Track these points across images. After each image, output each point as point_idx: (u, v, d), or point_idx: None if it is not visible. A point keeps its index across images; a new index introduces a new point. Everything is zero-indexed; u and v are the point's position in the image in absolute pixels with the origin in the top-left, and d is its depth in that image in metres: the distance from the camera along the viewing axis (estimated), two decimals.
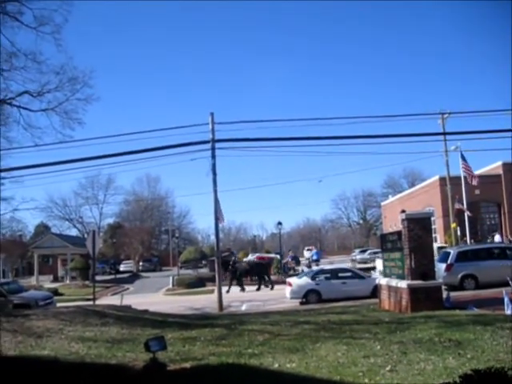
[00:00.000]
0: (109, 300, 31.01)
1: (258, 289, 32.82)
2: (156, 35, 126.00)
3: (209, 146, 24.03)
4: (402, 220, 16.43)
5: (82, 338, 12.39)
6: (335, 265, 30.15)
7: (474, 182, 34.93)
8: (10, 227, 67.69)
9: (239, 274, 33.93)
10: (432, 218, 22.00)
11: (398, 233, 17.08)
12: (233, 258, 37.86)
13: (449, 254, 23.68)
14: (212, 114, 24.34)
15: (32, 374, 8.52)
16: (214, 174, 24.52)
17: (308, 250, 44.47)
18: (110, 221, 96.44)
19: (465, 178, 35.94)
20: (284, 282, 30.74)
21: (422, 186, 54.43)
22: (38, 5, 19.26)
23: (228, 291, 30.89)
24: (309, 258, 40.15)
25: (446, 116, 35.55)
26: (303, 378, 7.73)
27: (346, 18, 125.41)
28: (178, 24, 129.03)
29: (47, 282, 54.87)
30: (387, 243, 18.42)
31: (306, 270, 36.34)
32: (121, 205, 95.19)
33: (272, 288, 33.02)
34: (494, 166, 48.48)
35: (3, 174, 21.91)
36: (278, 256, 45.18)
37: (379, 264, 26.57)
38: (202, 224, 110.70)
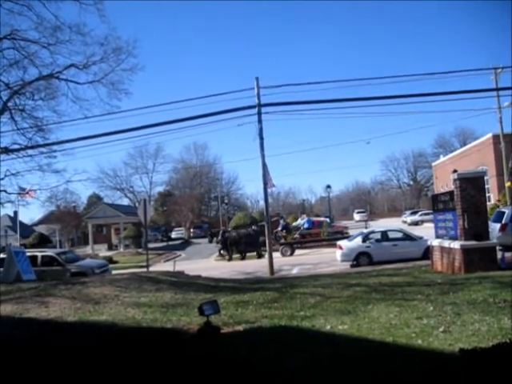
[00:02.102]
0: (162, 267, 31.74)
1: (243, 258, 33.81)
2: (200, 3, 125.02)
3: (255, 110, 23.98)
4: (454, 180, 16.09)
5: (138, 304, 12.73)
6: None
7: None
8: (64, 199, 69.71)
9: (229, 244, 34.47)
10: (485, 178, 21.46)
11: (450, 193, 16.76)
12: (222, 229, 38.33)
13: (503, 213, 23.06)
14: (257, 79, 24.19)
15: (93, 338, 8.82)
16: (261, 138, 24.47)
17: (302, 217, 44.08)
18: (160, 189, 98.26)
19: None
20: (276, 250, 31.45)
21: (475, 144, 52.78)
22: None
23: (230, 259, 33.21)
24: (301, 226, 39.96)
25: (499, 71, 34.26)
26: (355, 339, 7.75)
27: None
28: None
29: (102, 251, 56.45)
30: (439, 204, 18.10)
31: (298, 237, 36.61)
32: (170, 173, 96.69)
33: (259, 257, 33.35)
34: None
35: (55, 147, 22.44)
36: (328, 219, 45.11)
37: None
38: (250, 190, 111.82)
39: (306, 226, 39.34)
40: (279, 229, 40.38)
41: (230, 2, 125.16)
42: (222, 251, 35.75)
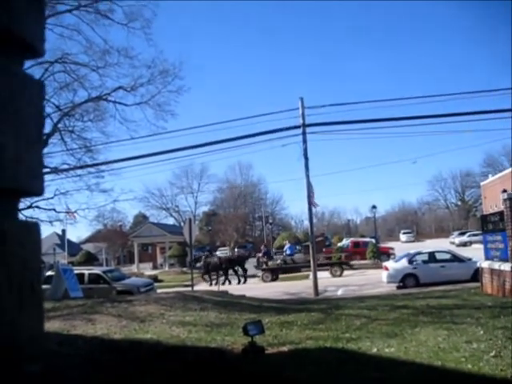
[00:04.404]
0: (206, 286, 31.79)
1: (229, 282, 32.69)
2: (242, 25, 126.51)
3: (299, 130, 24.03)
4: (504, 200, 15.73)
5: (183, 323, 12.78)
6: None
7: None
8: (110, 218, 70.73)
9: (210, 269, 33.53)
10: None
11: (500, 213, 16.38)
12: (205, 254, 37.94)
13: None
14: (302, 99, 24.27)
15: (138, 355, 8.90)
16: (306, 158, 24.44)
17: (286, 243, 43.57)
18: (205, 209, 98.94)
19: None
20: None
21: None
22: (128, 2, 19.93)
23: (211, 284, 31.75)
24: (284, 251, 39.58)
25: None
26: (403, 362, 7.60)
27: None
28: (265, 10, 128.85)
29: (147, 270, 57.07)
30: (488, 224, 17.72)
31: (281, 264, 36.19)
32: (214, 193, 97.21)
33: (244, 282, 32.91)
34: None
35: (103, 167, 22.93)
36: (374, 240, 44.60)
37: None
38: (294, 209, 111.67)
39: (288, 252, 39.14)
40: (260, 255, 40.31)
41: (275, 18, 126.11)
42: (204, 276, 35.04)
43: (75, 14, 19.78)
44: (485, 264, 17.38)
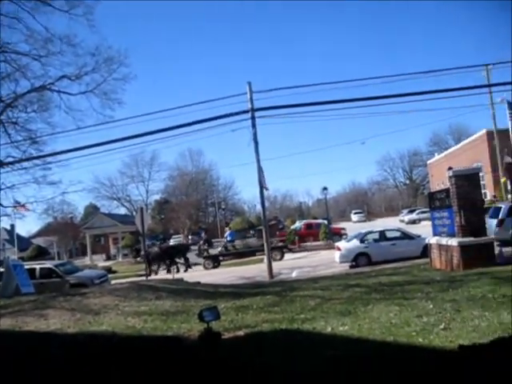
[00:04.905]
0: (161, 275, 31.63)
1: (170, 271, 31.88)
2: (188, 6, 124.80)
3: (248, 115, 24.01)
4: (450, 177, 16.15)
5: (138, 313, 12.70)
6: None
7: None
8: (60, 210, 69.40)
9: (151, 259, 32.96)
10: (480, 174, 21.50)
11: (446, 190, 16.82)
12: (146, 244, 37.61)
13: (500, 208, 23.12)
14: (249, 84, 24.26)
15: (93, 349, 8.81)
16: (256, 143, 24.48)
17: (228, 229, 44.05)
18: (157, 197, 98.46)
19: None
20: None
21: (469, 141, 52.84)
22: None
23: (149, 275, 29.28)
24: (225, 238, 40.45)
25: (490, 67, 34.41)
26: (357, 339, 7.76)
27: None
28: None
29: (100, 261, 56.47)
30: (435, 201, 18.15)
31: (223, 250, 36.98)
32: (166, 181, 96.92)
33: (185, 270, 32.94)
34: None
35: (50, 159, 22.43)
36: (326, 221, 45.17)
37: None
38: (247, 194, 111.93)
39: (229, 238, 39.66)
40: (201, 242, 40.68)
41: (221, 3, 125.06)
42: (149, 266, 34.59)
43: (14, 2, 19.18)
44: (433, 240, 17.83)
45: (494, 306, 8.88)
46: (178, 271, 31.39)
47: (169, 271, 32.10)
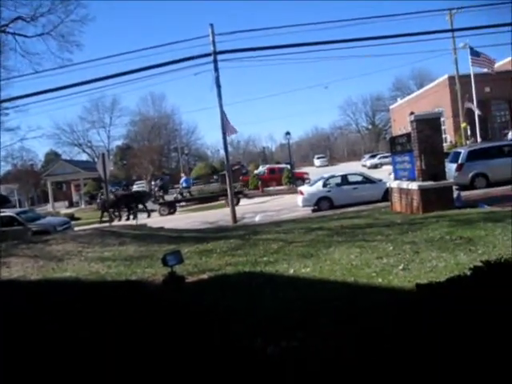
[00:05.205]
0: (124, 220, 31.51)
1: (128, 218, 32.00)
2: None
3: (211, 58, 23.57)
4: (411, 122, 16.28)
5: (101, 258, 12.70)
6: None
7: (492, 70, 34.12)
8: (20, 157, 67.98)
9: (107, 207, 31.66)
10: (441, 119, 21.77)
11: (408, 135, 16.97)
12: (100, 192, 37.17)
13: (459, 153, 23.55)
14: (212, 26, 23.68)
15: (57, 295, 8.81)
16: (218, 87, 24.11)
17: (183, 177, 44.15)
18: (119, 143, 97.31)
19: (475, 75, 35.23)
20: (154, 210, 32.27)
21: (431, 86, 53.11)
22: None
23: (112, 221, 27.81)
24: (180, 184, 40.67)
25: (453, 12, 34.37)
26: (318, 280, 7.91)
27: None
28: None
29: (63, 208, 55.88)
30: (397, 146, 18.33)
31: (178, 197, 37.12)
32: (128, 126, 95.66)
33: (148, 216, 32.72)
34: (504, 62, 46.25)
35: (6, 105, 21.80)
36: (289, 166, 45.42)
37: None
38: (210, 139, 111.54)
39: (184, 184, 39.76)
40: (156, 189, 40.62)
41: None
42: (104, 214, 33.26)
43: None
44: (394, 184, 18.10)
45: (451, 248, 9.11)
46: (134, 218, 30.64)
47: (128, 218, 31.99)
